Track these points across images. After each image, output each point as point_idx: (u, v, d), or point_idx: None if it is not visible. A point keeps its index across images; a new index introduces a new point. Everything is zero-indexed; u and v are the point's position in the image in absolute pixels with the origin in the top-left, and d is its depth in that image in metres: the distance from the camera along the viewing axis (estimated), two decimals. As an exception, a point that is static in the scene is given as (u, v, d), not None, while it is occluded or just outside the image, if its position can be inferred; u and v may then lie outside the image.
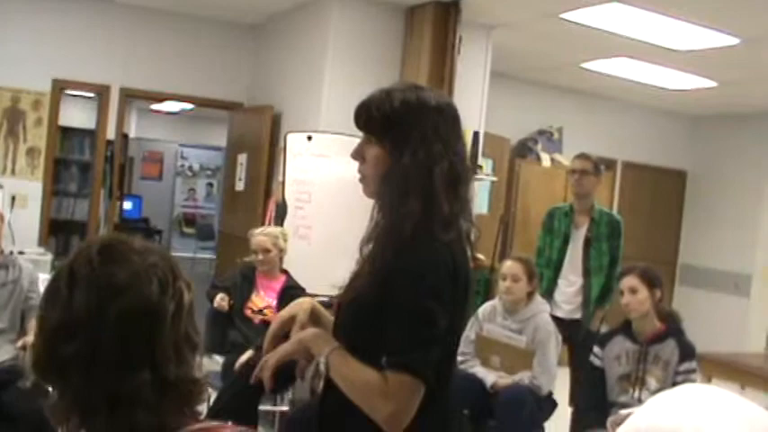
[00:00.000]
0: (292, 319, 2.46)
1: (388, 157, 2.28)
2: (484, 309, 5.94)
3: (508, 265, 5.79)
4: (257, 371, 2.39)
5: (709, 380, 6.58)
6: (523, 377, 5.56)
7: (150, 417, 1.44)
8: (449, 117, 2.31)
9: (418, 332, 2.16)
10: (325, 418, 2.42)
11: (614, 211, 8.15)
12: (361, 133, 2.39)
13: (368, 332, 2.25)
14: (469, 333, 5.78)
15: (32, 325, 5.08)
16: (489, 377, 5.63)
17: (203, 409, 4.09)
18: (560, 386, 5.94)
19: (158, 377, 1.45)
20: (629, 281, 4.99)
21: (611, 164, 11.68)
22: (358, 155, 2.36)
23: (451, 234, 2.25)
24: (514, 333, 5.72)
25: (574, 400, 6.27)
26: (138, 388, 1.43)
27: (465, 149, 2.38)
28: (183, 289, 1.53)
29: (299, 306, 2.50)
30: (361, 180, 2.37)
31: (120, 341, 1.43)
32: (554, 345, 5.68)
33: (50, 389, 4.20)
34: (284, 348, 2.38)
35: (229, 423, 1.61)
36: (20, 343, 5.05)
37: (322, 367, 2.26)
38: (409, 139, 2.25)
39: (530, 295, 5.79)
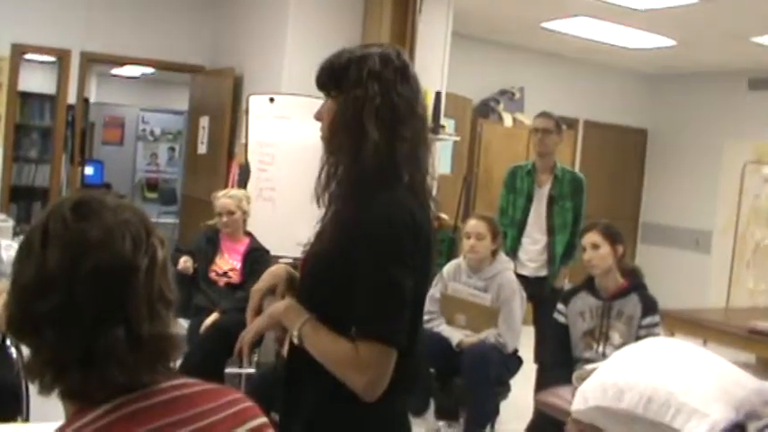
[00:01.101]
0: (270, 289, 2.47)
1: (338, 104, 2.32)
2: (448, 267, 5.97)
3: (472, 224, 5.82)
4: (237, 347, 2.40)
5: (671, 336, 6.66)
6: (489, 335, 5.61)
7: (124, 373, 1.44)
8: (392, 63, 2.33)
9: (385, 299, 2.17)
10: (291, 378, 2.43)
11: (576, 170, 8.19)
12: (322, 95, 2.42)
13: (330, 288, 2.28)
14: (434, 292, 5.81)
15: (-2, 289, 5.05)
16: (455, 336, 5.68)
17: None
18: (525, 344, 5.99)
19: (132, 334, 1.45)
20: (591, 237, 5.03)
21: (572, 123, 11.74)
22: (319, 115, 2.38)
23: (402, 179, 2.28)
24: (479, 291, 5.76)
25: (539, 358, 6.34)
26: (111, 345, 1.43)
27: (417, 96, 2.38)
28: (157, 245, 1.53)
29: (276, 275, 2.50)
30: (322, 138, 2.39)
31: (93, 298, 1.42)
32: (519, 302, 5.72)
33: (15, 352, 4.19)
34: (258, 323, 2.39)
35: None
36: (-16, 308, 5.00)
37: (295, 340, 2.27)
38: (348, 84, 2.29)
39: (494, 253, 5.83)
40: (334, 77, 2.33)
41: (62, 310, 1.42)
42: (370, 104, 2.25)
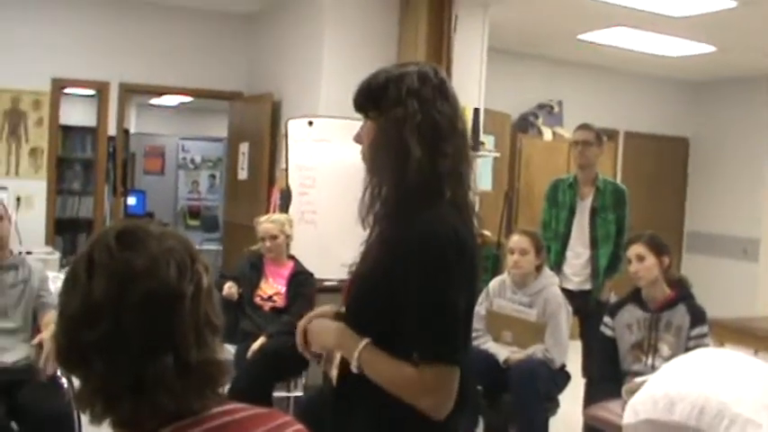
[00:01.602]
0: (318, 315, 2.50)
1: (378, 126, 2.33)
2: (493, 284, 5.94)
3: (515, 239, 5.79)
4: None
5: (721, 346, 6.58)
6: (536, 351, 5.57)
7: (174, 400, 1.45)
8: (430, 80, 2.33)
9: (441, 319, 2.19)
10: (341, 402, 2.44)
11: (618, 181, 8.12)
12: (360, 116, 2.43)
13: (377, 309, 2.30)
14: (480, 309, 5.78)
15: (46, 321, 5.09)
16: (502, 352, 5.64)
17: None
18: (573, 359, 5.94)
19: (180, 361, 1.46)
20: (636, 249, 4.99)
21: (612, 134, 11.67)
22: (359, 137, 2.40)
23: (445, 195, 2.28)
24: (525, 307, 5.72)
25: (587, 372, 6.28)
26: (161, 372, 1.43)
27: (457, 112, 2.38)
28: (202, 272, 1.53)
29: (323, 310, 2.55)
30: (363, 159, 2.40)
31: (140, 327, 1.43)
32: (565, 317, 5.68)
33: (66, 383, 4.23)
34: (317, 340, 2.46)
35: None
36: (36, 340, 5.05)
37: (354, 369, 2.28)
38: (388, 102, 2.29)
39: (538, 268, 5.80)
40: (372, 98, 2.34)
41: (110, 339, 1.42)
42: (411, 122, 2.26)
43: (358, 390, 2.30)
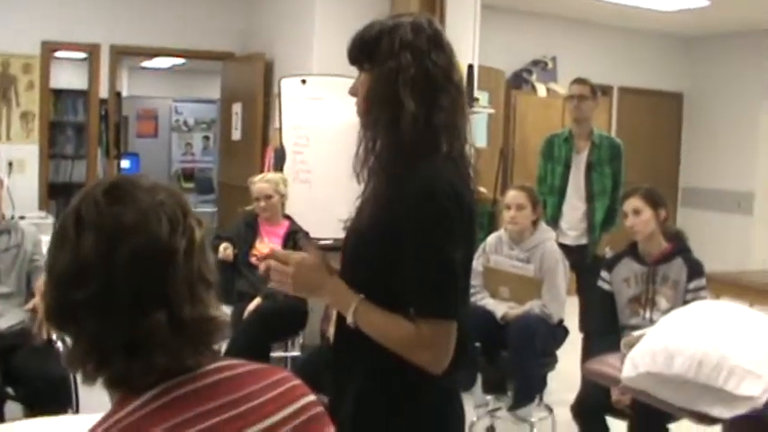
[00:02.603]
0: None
1: (372, 77, 2.30)
2: (490, 240, 5.93)
3: (512, 195, 5.77)
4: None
5: (717, 299, 6.59)
6: (533, 306, 5.56)
7: (168, 357, 1.42)
8: (424, 31, 2.29)
9: (438, 274, 2.18)
10: (339, 358, 2.44)
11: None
12: (354, 73, 2.39)
13: (373, 263, 2.28)
14: (476, 265, 5.77)
15: (40, 285, 5.08)
16: (499, 308, 5.63)
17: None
18: (570, 313, 5.94)
19: (174, 317, 1.42)
20: (633, 202, 4.97)
21: (607, 89, 11.64)
22: (354, 89, 2.36)
23: (441, 148, 2.25)
24: (522, 262, 5.71)
25: (584, 327, 6.30)
26: (154, 329, 1.40)
27: (453, 64, 2.35)
28: (194, 226, 1.50)
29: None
30: (358, 112, 2.37)
31: (132, 283, 1.40)
32: (562, 272, 5.67)
33: (61, 343, 4.22)
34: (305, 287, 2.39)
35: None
36: (29, 305, 5.04)
37: (350, 323, 2.26)
38: (381, 54, 2.26)
39: (535, 223, 5.78)
40: (366, 50, 2.30)
41: (101, 296, 1.39)
42: (404, 75, 2.22)
43: (355, 345, 2.29)
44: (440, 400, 2.34)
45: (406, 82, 2.22)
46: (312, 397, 1.61)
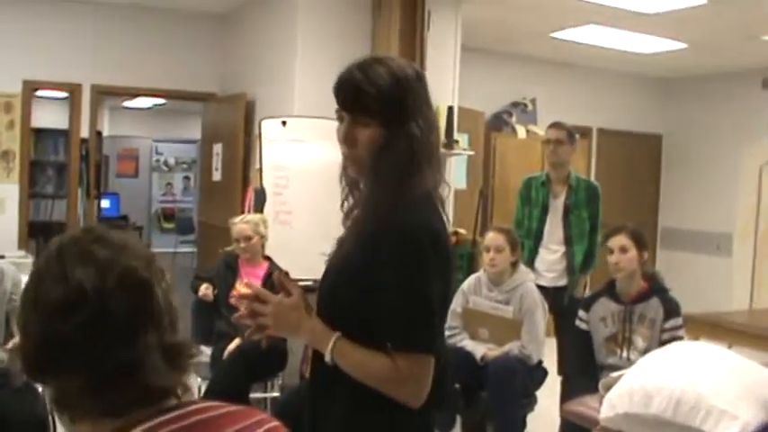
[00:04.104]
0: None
1: (386, 134, 2.26)
2: (469, 281, 5.95)
3: (491, 237, 5.79)
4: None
5: (696, 340, 6.61)
6: (512, 348, 5.58)
7: (161, 380, 1.47)
8: (425, 84, 2.34)
9: (415, 309, 2.21)
10: (317, 395, 2.44)
11: (591, 178, 8.15)
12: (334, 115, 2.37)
13: (351, 299, 2.30)
14: (455, 306, 5.79)
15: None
16: (478, 349, 5.65)
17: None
18: (548, 355, 5.96)
19: (161, 341, 1.49)
20: (620, 240, 5.00)
21: (586, 131, 11.71)
22: (349, 139, 2.31)
23: (430, 199, 2.30)
24: (501, 304, 5.73)
25: (563, 369, 6.30)
26: (147, 351, 1.46)
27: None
28: (162, 269, 1.56)
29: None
30: (352, 163, 2.35)
31: (124, 308, 1.44)
32: (541, 312, 5.70)
33: (41, 386, 4.18)
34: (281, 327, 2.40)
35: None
36: (9, 345, 5.02)
37: (328, 360, 2.28)
38: (407, 112, 2.26)
39: (514, 265, 5.81)
40: (381, 100, 2.26)
41: (96, 320, 1.43)
42: (425, 140, 2.28)
43: (333, 381, 2.30)
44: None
45: (425, 145, 2.27)
46: None
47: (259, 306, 2.38)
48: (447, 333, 5.74)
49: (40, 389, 4.94)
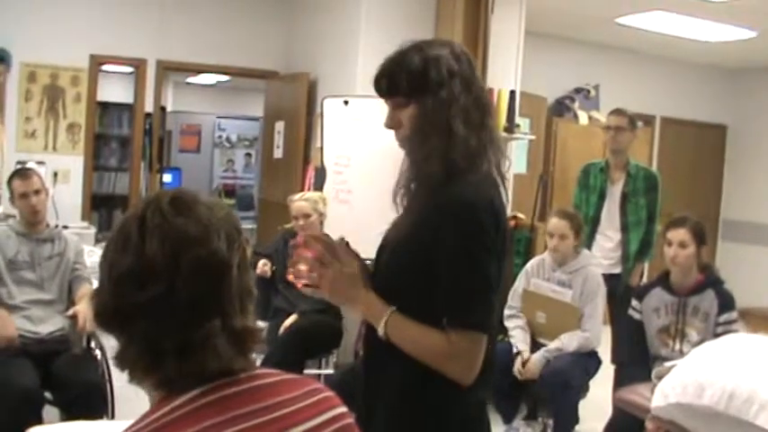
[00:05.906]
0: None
1: (420, 107, 2.31)
2: (532, 263, 5.93)
3: (554, 223, 5.74)
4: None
5: (754, 333, 6.55)
6: (567, 343, 5.54)
7: (219, 363, 1.49)
8: (464, 59, 2.35)
9: (473, 287, 2.22)
10: (370, 370, 2.47)
11: (653, 167, 8.08)
12: None
13: (409, 275, 2.31)
14: (518, 287, 5.80)
15: (81, 294, 5.16)
16: (519, 345, 5.64)
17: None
18: (603, 343, 5.93)
19: (227, 326, 1.50)
20: (681, 234, 4.92)
21: (649, 119, 11.60)
22: (393, 122, 2.38)
23: (483, 166, 2.30)
24: (562, 286, 5.69)
25: (616, 357, 6.27)
26: (209, 335, 1.47)
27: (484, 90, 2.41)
28: (245, 244, 1.58)
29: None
30: (401, 145, 2.40)
31: (193, 289, 1.46)
32: (602, 297, 5.66)
33: (100, 354, 4.27)
34: (337, 291, 2.41)
35: None
36: (70, 312, 5.11)
37: (381, 335, 2.30)
38: (433, 82, 2.29)
39: (577, 248, 5.77)
40: (414, 82, 2.31)
41: (163, 299, 1.45)
42: (456, 104, 2.27)
43: (385, 358, 2.33)
44: (468, 414, 2.37)
45: (458, 110, 2.27)
46: (343, 408, 1.66)
47: (317, 266, 2.41)
48: (506, 312, 5.77)
49: (99, 356, 5.05)
